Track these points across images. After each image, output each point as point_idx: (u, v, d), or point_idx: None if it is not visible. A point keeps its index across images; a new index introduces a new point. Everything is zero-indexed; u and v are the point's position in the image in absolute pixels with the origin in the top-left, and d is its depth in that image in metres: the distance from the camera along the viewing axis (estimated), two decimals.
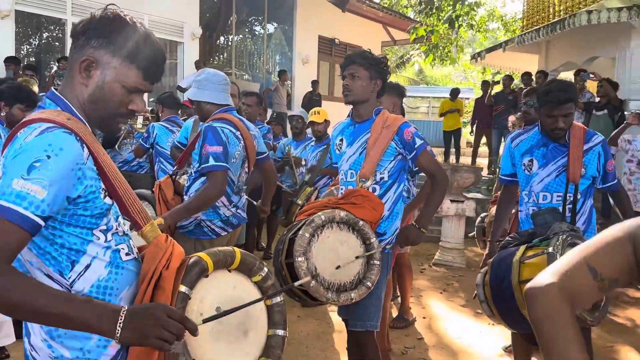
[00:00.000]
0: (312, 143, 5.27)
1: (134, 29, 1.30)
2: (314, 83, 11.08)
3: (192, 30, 9.76)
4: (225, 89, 2.98)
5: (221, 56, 13.22)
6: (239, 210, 2.99)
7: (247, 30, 13.84)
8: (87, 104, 1.30)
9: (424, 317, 4.45)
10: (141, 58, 1.29)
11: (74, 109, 1.29)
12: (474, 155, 11.25)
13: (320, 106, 8.32)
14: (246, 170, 3.03)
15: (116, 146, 5.17)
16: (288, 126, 6.83)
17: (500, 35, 22.08)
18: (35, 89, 4.59)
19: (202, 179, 2.83)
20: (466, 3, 8.89)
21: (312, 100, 10.46)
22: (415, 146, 2.55)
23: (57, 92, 1.32)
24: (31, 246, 1.21)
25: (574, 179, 2.72)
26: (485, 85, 10.85)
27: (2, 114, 3.23)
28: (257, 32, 13.67)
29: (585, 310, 2.18)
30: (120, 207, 1.35)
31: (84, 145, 1.23)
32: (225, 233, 2.93)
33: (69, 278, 1.23)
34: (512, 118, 5.14)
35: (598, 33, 8.97)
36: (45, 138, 1.16)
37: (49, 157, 1.14)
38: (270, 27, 13.11)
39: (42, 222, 1.13)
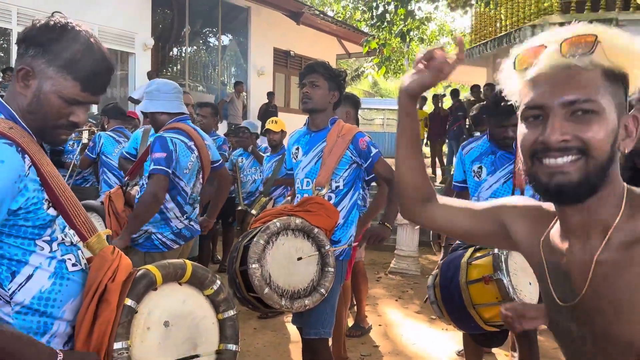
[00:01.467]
0: (268, 153, 5.27)
1: (74, 37, 1.26)
2: (270, 95, 11.09)
3: (144, 41, 9.60)
4: (177, 97, 2.94)
5: (174, 67, 13.04)
6: (191, 223, 2.94)
7: (201, 41, 13.73)
8: (26, 114, 1.27)
9: (379, 325, 4.49)
10: (79, 68, 1.25)
11: (17, 117, 1.26)
12: (433, 165, 11.54)
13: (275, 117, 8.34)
14: (201, 181, 3.00)
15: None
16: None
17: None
18: None
19: None
20: (417, 18, 9.13)
21: (268, 111, 10.45)
22: (371, 155, 2.64)
23: (1, 100, 1.28)
24: None
25: (520, 185, 2.83)
26: (436, 99, 11.20)
27: None
28: (211, 44, 13.58)
29: None
30: (64, 218, 1.31)
31: (25, 155, 1.20)
32: (177, 246, 2.88)
33: (9, 289, 1.19)
34: None
35: None
36: None
37: None
38: (225, 39, 13.06)
39: None
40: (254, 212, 4.74)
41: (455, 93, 10.86)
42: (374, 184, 2.90)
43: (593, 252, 0.93)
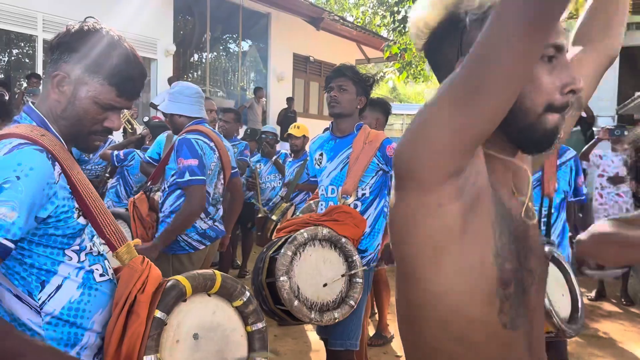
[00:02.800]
0: (290, 159, 5.25)
1: (109, 43, 1.25)
2: (289, 100, 11.09)
3: (166, 47, 9.69)
4: (199, 102, 2.95)
5: (195, 73, 13.14)
6: (216, 223, 2.94)
7: (221, 47, 13.81)
8: (60, 119, 1.26)
9: None
10: (115, 73, 1.25)
11: (49, 124, 1.25)
12: None
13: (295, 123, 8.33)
14: (222, 181, 2.99)
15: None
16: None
17: None
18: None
19: (177, 192, 2.78)
20: None
21: (287, 117, 10.45)
22: None
23: (34, 107, 1.27)
24: None
25: (548, 193, 2.76)
26: None
27: None
28: (231, 50, 13.66)
29: (564, 321, 2.19)
30: (94, 228, 1.30)
31: (55, 163, 1.19)
32: (203, 247, 2.87)
33: (39, 299, 1.18)
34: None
35: None
36: (15, 156, 1.12)
37: (18, 177, 1.10)
38: (245, 45, 13.11)
39: (13, 246, 1.09)
40: (274, 217, 4.70)
41: None
42: None
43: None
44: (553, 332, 2.20)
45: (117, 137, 6.15)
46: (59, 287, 1.20)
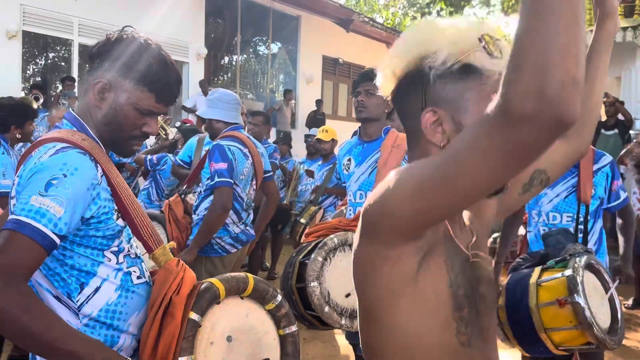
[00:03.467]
0: (320, 162, 5.27)
1: (147, 51, 1.29)
2: (318, 102, 11.11)
3: (198, 51, 9.82)
4: (236, 108, 3.05)
5: (225, 76, 13.28)
6: (247, 227, 3.02)
7: (251, 50, 13.92)
8: (101, 125, 1.29)
9: None
10: (154, 80, 1.28)
11: (89, 129, 1.29)
12: None
13: (324, 125, 8.34)
14: (254, 187, 3.06)
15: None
16: (294, 145, 6.85)
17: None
18: (34, 105, 4.66)
19: (211, 197, 2.86)
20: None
21: (316, 119, 10.47)
22: None
23: (74, 113, 1.31)
24: (41, 267, 1.18)
25: (585, 200, 2.69)
26: None
27: (17, 136, 3.30)
28: (261, 52, 13.75)
29: (604, 332, 2.13)
30: (131, 229, 1.32)
31: (97, 165, 1.22)
32: (235, 250, 2.96)
33: (77, 301, 1.21)
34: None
35: None
36: (60, 157, 1.16)
37: (65, 175, 1.14)
38: (275, 47, 13.19)
39: (58, 241, 1.12)
40: (303, 220, 4.73)
41: None
42: None
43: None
44: (594, 344, 2.13)
45: (147, 141, 6.28)
46: (97, 289, 1.23)
